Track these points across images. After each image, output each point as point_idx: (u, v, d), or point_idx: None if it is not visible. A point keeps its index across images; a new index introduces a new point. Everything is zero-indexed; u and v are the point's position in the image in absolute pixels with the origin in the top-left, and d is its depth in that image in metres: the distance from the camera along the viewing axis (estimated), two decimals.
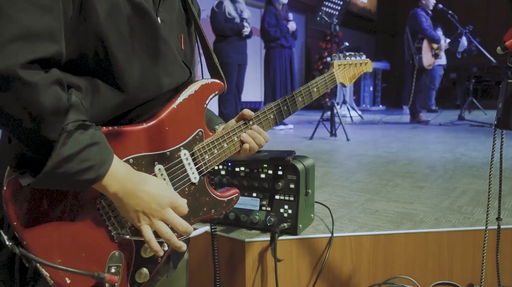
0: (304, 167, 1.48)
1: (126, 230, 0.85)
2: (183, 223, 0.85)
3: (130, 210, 0.80)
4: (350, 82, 1.28)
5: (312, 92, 1.15)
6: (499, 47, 0.96)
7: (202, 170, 0.96)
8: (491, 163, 1.10)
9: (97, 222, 0.82)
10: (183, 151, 0.92)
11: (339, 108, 7.04)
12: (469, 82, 7.30)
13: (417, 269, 1.58)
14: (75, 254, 0.80)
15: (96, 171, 0.74)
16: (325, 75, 1.20)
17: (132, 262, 0.87)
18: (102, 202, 0.82)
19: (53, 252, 0.78)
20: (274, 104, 1.08)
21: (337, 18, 5.20)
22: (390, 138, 4.77)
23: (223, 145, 0.99)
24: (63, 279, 0.79)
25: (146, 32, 0.83)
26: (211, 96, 0.96)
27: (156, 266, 0.91)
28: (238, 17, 5.28)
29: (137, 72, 0.82)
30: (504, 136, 1.07)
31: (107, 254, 0.83)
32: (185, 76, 0.94)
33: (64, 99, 0.71)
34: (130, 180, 0.79)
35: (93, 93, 0.79)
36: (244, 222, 1.54)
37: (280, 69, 6.07)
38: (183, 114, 0.91)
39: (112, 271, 0.83)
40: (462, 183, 2.43)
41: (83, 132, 0.73)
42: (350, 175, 2.72)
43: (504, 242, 1.54)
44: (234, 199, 1.04)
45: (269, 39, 6.01)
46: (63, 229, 0.79)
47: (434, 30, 6.63)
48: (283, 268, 1.49)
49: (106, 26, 0.77)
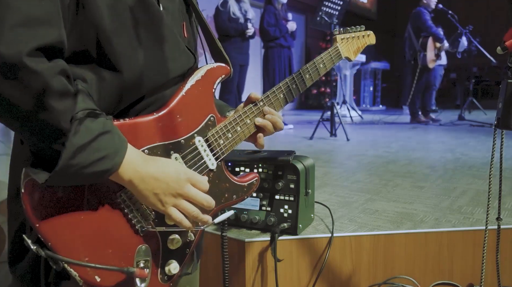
0: (304, 167, 1.48)
1: (150, 222, 0.84)
2: (206, 198, 0.83)
3: (149, 195, 0.78)
4: (355, 55, 1.25)
5: (319, 69, 1.12)
6: (499, 47, 0.96)
7: (218, 155, 0.94)
8: (491, 163, 1.10)
9: (120, 216, 0.81)
10: (197, 137, 0.91)
11: (339, 108, 7.04)
12: (469, 82, 7.30)
13: (417, 269, 1.58)
14: (102, 251, 0.79)
15: (111, 160, 0.73)
16: (329, 50, 1.16)
17: (160, 255, 0.86)
18: (123, 195, 0.80)
19: (79, 250, 0.76)
20: (282, 83, 1.06)
21: (337, 18, 5.20)
22: (390, 138, 4.77)
23: (236, 129, 0.97)
24: (92, 277, 0.77)
25: (149, 20, 0.82)
26: (218, 80, 0.95)
27: (184, 257, 0.90)
28: (242, 17, 5.28)
29: (141, 59, 0.82)
30: (504, 136, 1.07)
31: (134, 249, 0.82)
32: (191, 62, 0.93)
33: (70, 88, 0.70)
34: (144, 165, 0.78)
35: (99, 84, 0.78)
36: (244, 222, 1.54)
37: (279, 68, 6.08)
38: (193, 101, 0.90)
39: (141, 265, 0.82)
40: (462, 183, 2.43)
41: (94, 121, 0.72)
42: (350, 175, 2.72)
43: (504, 242, 1.54)
44: (254, 182, 1.02)
45: (268, 38, 6.01)
46: (86, 226, 0.77)
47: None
48: (283, 268, 1.49)
49: (107, 16, 0.76)
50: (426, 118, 6.73)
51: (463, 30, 6.79)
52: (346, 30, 1.22)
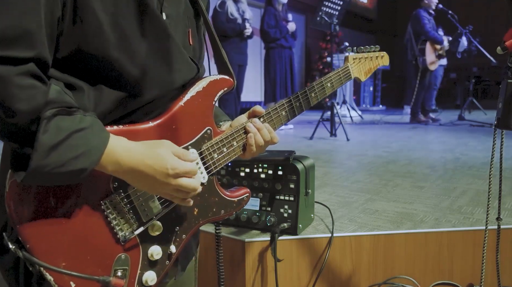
0: (304, 167, 1.48)
1: (132, 231, 0.83)
2: (194, 186, 0.83)
3: (142, 187, 0.81)
4: (365, 76, 1.22)
5: (326, 88, 1.10)
6: (499, 47, 0.96)
7: (211, 169, 0.93)
8: (491, 163, 1.10)
9: (102, 224, 0.80)
10: (191, 149, 0.89)
11: (339, 108, 7.04)
12: (469, 82, 7.30)
13: (417, 269, 1.58)
14: (80, 257, 0.78)
15: (86, 158, 0.71)
16: (339, 70, 1.14)
17: (139, 265, 0.85)
18: (107, 203, 0.80)
19: (57, 255, 0.76)
20: (286, 100, 1.03)
21: (337, 18, 5.20)
22: (390, 138, 4.77)
23: (232, 143, 0.95)
24: (67, 283, 0.77)
25: (151, 30, 0.81)
26: (220, 93, 0.93)
27: (164, 268, 0.89)
28: (240, 17, 5.29)
29: (141, 70, 0.81)
30: (504, 136, 1.07)
31: (113, 257, 0.82)
32: (192, 73, 0.91)
33: (40, 88, 0.69)
34: (129, 158, 0.76)
35: (96, 93, 0.78)
36: (244, 222, 1.54)
37: (280, 69, 6.08)
38: (191, 112, 0.89)
39: (118, 274, 0.81)
40: (462, 183, 2.43)
41: (66, 118, 0.70)
42: (350, 175, 2.72)
43: (504, 242, 1.54)
44: (244, 199, 1.00)
45: (268, 40, 6.02)
46: (67, 231, 0.77)
47: (437, 30, 6.63)
48: (283, 268, 1.49)
49: (106, 26, 0.75)
50: (425, 118, 6.74)
51: (463, 30, 6.79)
52: (360, 49, 1.19)
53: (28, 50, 0.68)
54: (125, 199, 0.82)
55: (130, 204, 0.83)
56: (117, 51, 0.77)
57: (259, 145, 0.96)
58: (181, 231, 0.90)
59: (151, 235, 0.86)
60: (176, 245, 0.90)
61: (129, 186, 0.82)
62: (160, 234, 0.87)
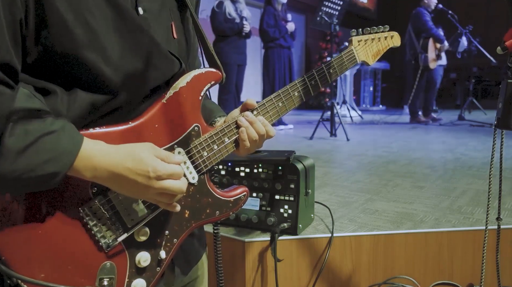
0: (304, 167, 1.48)
1: (115, 238, 0.79)
2: (180, 187, 0.78)
3: (124, 192, 0.76)
4: (373, 59, 1.11)
5: (329, 74, 1.00)
6: (499, 47, 0.96)
7: (201, 168, 0.87)
8: (491, 163, 1.10)
9: (82, 232, 0.76)
10: (177, 149, 0.84)
11: (339, 108, 7.04)
12: (469, 82, 7.30)
13: (417, 269, 1.58)
14: (61, 268, 0.74)
15: (57, 162, 0.68)
16: (342, 54, 1.03)
17: (126, 273, 0.81)
18: (86, 209, 0.76)
19: (35, 266, 0.72)
20: (282, 90, 0.96)
21: (337, 18, 5.20)
22: (390, 138, 4.77)
23: (223, 139, 0.89)
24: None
25: (122, 26, 0.77)
26: (206, 87, 0.86)
27: (155, 275, 0.85)
28: (238, 17, 5.29)
29: (116, 69, 0.77)
30: (504, 136, 1.07)
31: (97, 266, 0.78)
32: (174, 68, 0.86)
33: (6, 94, 0.67)
34: (106, 162, 0.72)
35: (69, 96, 0.75)
36: (244, 222, 1.54)
37: (279, 69, 6.08)
38: (175, 110, 0.83)
39: (105, 283, 0.78)
40: (462, 183, 2.43)
41: (34, 121, 0.67)
42: (350, 175, 2.72)
43: (504, 242, 1.54)
44: (242, 198, 0.93)
45: (268, 39, 6.02)
46: (45, 241, 0.73)
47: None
48: (283, 268, 1.49)
49: (72, 24, 0.72)
50: (427, 118, 6.74)
51: (463, 30, 6.79)
52: (366, 30, 1.08)
53: None
54: (106, 204, 0.78)
55: (112, 209, 0.79)
56: (88, 50, 0.74)
57: (253, 139, 0.89)
58: (171, 235, 0.86)
59: (138, 240, 0.82)
60: (166, 250, 0.85)
61: (109, 190, 0.78)
62: (148, 239, 0.83)
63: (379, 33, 1.10)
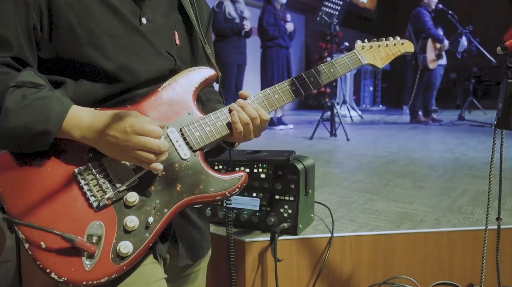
0: (304, 167, 1.48)
1: (105, 198, 0.86)
2: (158, 143, 0.84)
3: (107, 149, 0.84)
4: (382, 63, 1.14)
5: (329, 73, 1.05)
6: (499, 47, 0.96)
7: (192, 145, 0.93)
8: (491, 163, 1.10)
9: (75, 189, 0.86)
10: (169, 128, 0.93)
11: (339, 108, 7.04)
12: (469, 82, 7.30)
13: (417, 269, 1.58)
14: (54, 221, 0.83)
15: (46, 121, 0.80)
16: (343, 56, 1.09)
17: (114, 234, 0.86)
18: (80, 170, 0.86)
19: (31, 216, 0.82)
20: (278, 85, 1.02)
21: (337, 18, 5.20)
22: (390, 138, 4.77)
23: (216, 123, 0.96)
24: (38, 242, 0.82)
25: (120, 28, 0.91)
26: (200, 81, 0.97)
27: (143, 240, 0.87)
28: (238, 17, 5.30)
29: (115, 63, 0.90)
30: (504, 136, 1.07)
31: (87, 223, 0.84)
32: (168, 64, 0.98)
33: (12, 74, 0.82)
34: (91, 122, 0.83)
35: (76, 84, 0.89)
36: (244, 222, 1.54)
37: (278, 68, 6.08)
38: (169, 98, 0.94)
39: (93, 241, 0.83)
40: (462, 183, 2.43)
41: (32, 89, 0.81)
42: (350, 175, 2.72)
43: (504, 242, 1.54)
44: (239, 178, 0.95)
45: (267, 37, 6.01)
46: (42, 195, 0.83)
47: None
48: (283, 268, 1.49)
49: (76, 26, 0.87)
50: (427, 118, 6.73)
51: (463, 30, 6.79)
52: (372, 40, 1.15)
53: (6, 52, 0.83)
54: (97, 167, 0.87)
55: (103, 172, 0.87)
56: (89, 47, 0.88)
57: (245, 122, 0.94)
58: (162, 204, 0.90)
59: (127, 204, 0.87)
60: (156, 218, 0.89)
61: (104, 156, 0.87)
62: (137, 204, 0.88)
63: (386, 41, 1.16)
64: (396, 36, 1.16)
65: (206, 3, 1.17)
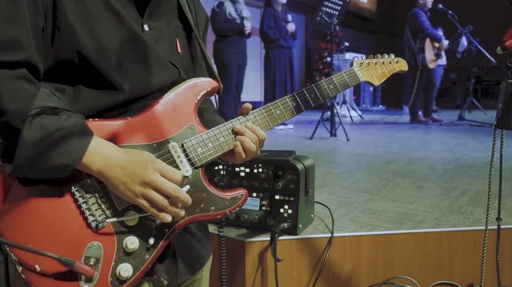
0: (304, 167, 1.48)
1: (104, 218, 0.82)
2: (174, 187, 0.82)
3: (118, 184, 0.80)
4: (379, 81, 1.17)
5: (329, 89, 1.06)
6: (499, 47, 0.96)
7: (194, 162, 0.91)
8: (491, 163, 1.10)
9: (73, 208, 0.81)
10: (172, 143, 0.89)
11: (339, 108, 7.04)
12: (469, 82, 7.31)
13: (417, 269, 1.58)
14: (49, 242, 0.78)
15: (68, 155, 0.76)
16: (343, 72, 1.10)
17: (113, 256, 0.82)
18: (78, 187, 0.81)
19: (25, 237, 0.77)
20: (280, 100, 1.02)
21: (337, 18, 5.20)
22: (390, 138, 4.77)
23: (219, 138, 0.94)
24: (32, 265, 0.77)
25: (124, 37, 0.88)
26: (202, 93, 0.95)
27: (143, 262, 0.85)
28: (238, 17, 5.30)
29: (118, 71, 0.87)
30: (504, 136, 1.07)
31: (84, 244, 0.80)
32: (173, 75, 0.96)
33: (29, 91, 0.76)
34: (112, 155, 0.80)
35: (75, 92, 0.85)
36: (244, 222, 1.54)
37: (280, 69, 6.09)
38: (171, 110, 0.91)
39: (90, 263, 0.79)
40: (462, 183, 2.43)
41: (50, 117, 0.76)
42: (350, 175, 2.72)
43: (504, 242, 1.54)
44: (239, 197, 0.95)
45: (268, 40, 6.03)
46: (37, 216, 0.79)
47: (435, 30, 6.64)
48: (283, 268, 1.49)
49: (79, 31, 0.83)
50: (427, 118, 6.73)
51: (463, 30, 6.79)
52: (369, 56, 1.17)
53: (18, 53, 0.77)
54: (97, 185, 0.83)
55: (103, 190, 0.83)
56: (91, 53, 0.84)
57: (251, 151, 0.95)
58: (162, 224, 0.87)
59: (127, 224, 0.84)
60: (156, 238, 0.86)
61: None
62: (137, 225, 0.85)
63: (381, 58, 1.17)
64: (390, 54, 1.19)
65: (204, 11, 1.15)
